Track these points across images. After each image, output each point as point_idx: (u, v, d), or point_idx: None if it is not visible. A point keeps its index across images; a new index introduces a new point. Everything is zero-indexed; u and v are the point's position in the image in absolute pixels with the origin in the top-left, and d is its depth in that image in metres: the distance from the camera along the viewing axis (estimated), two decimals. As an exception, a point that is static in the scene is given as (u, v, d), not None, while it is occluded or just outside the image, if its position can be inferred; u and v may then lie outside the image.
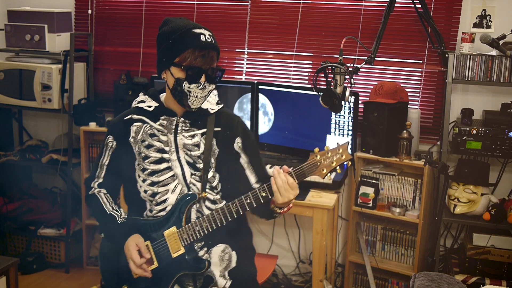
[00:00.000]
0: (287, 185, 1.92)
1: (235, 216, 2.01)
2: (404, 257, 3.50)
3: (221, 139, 2.11)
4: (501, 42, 3.04)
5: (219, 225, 2.02)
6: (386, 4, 3.06)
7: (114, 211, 2.15)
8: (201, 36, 1.95)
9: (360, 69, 2.80)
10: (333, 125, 3.43)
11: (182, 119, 2.09)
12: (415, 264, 3.39)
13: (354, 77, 2.64)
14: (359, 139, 3.52)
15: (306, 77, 3.79)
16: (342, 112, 3.34)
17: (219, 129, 2.12)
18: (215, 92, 2.14)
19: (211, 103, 2.13)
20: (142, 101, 2.13)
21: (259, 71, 3.89)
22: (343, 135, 3.40)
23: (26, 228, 4.07)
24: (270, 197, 1.97)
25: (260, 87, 3.63)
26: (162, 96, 2.15)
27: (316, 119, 3.46)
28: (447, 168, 2.87)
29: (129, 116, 2.12)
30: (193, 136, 2.09)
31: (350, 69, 2.67)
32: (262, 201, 1.97)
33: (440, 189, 3.16)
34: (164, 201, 2.07)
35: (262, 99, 3.63)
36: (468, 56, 3.14)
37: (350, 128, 3.38)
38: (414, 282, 2.53)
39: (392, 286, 3.53)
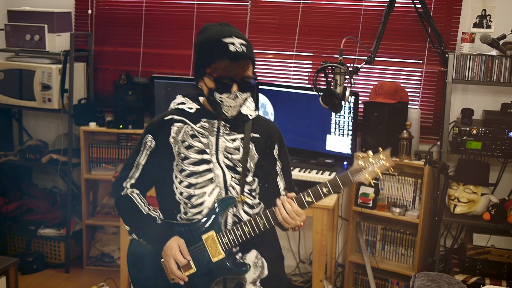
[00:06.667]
0: (293, 213, 1.97)
1: (278, 221, 2.00)
2: (404, 257, 3.50)
3: (261, 145, 2.11)
4: (501, 42, 3.04)
5: (262, 230, 2.00)
6: (386, 4, 3.06)
7: (151, 211, 2.09)
8: (230, 45, 1.91)
9: (360, 69, 2.80)
10: (333, 125, 3.43)
11: (223, 122, 2.08)
12: (415, 264, 3.39)
13: (354, 77, 2.64)
14: (359, 139, 3.52)
15: (306, 77, 3.79)
16: (342, 112, 3.34)
17: (257, 135, 2.11)
18: (251, 98, 2.13)
19: (250, 109, 2.12)
20: (182, 103, 2.10)
21: (259, 71, 3.89)
22: (343, 135, 3.41)
23: (26, 228, 4.07)
24: (315, 202, 1.99)
25: (260, 87, 3.63)
26: (201, 99, 2.12)
27: (316, 119, 3.46)
28: (447, 168, 2.87)
29: (170, 117, 2.08)
30: (234, 140, 2.07)
31: (350, 69, 2.67)
32: (307, 207, 1.99)
33: (440, 189, 3.16)
34: (201, 203, 2.04)
35: (262, 99, 3.63)
36: (468, 56, 3.14)
37: (350, 128, 3.38)
38: (414, 282, 2.53)
39: (392, 286, 3.53)
